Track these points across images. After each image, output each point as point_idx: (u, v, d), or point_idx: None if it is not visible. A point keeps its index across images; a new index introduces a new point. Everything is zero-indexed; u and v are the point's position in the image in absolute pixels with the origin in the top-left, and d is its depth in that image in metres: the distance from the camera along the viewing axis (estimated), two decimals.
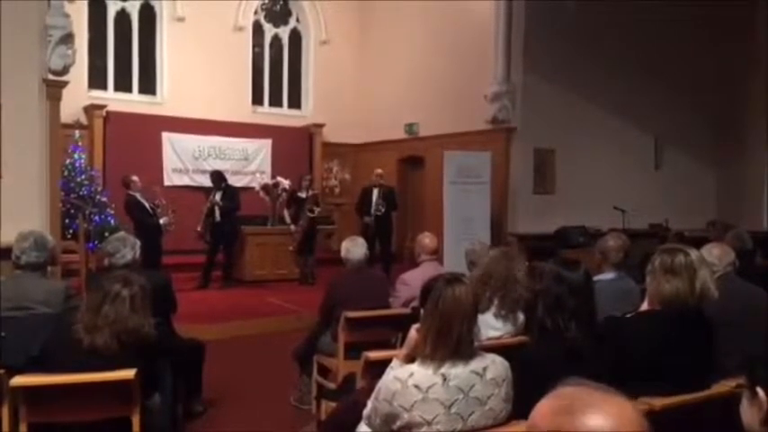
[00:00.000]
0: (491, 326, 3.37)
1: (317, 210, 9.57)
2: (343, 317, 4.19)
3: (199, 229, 9.22)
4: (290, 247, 9.61)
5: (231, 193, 9.38)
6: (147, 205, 8.60)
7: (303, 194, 9.62)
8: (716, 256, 3.65)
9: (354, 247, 4.59)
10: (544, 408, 1.04)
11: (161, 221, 8.55)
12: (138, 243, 4.00)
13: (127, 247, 3.87)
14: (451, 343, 2.21)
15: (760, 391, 1.36)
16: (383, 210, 9.48)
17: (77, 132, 10.04)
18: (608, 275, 4.08)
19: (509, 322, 3.44)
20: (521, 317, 3.39)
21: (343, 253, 4.61)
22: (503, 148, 9.98)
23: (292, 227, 9.55)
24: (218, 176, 9.49)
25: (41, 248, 3.58)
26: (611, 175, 10.30)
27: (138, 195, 8.60)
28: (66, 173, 9.15)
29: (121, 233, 4.21)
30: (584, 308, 2.49)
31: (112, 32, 11.41)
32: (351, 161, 13.13)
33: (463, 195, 9.41)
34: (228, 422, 4.39)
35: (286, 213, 9.74)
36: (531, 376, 2.24)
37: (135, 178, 8.65)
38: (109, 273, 3.40)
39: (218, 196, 9.23)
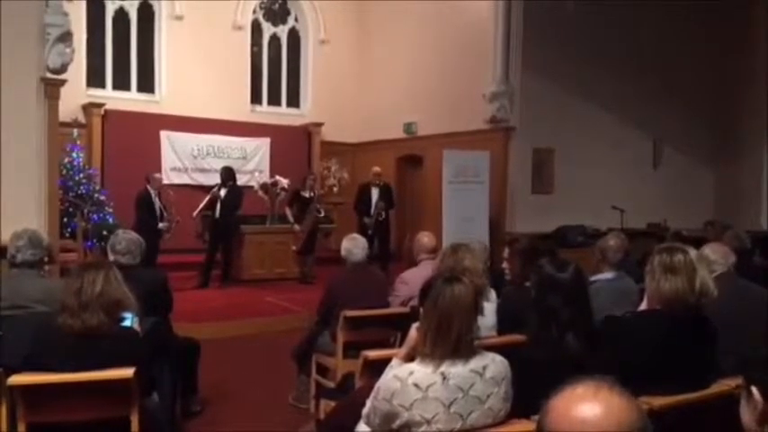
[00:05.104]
0: None
1: (322, 210, 9.54)
2: (342, 316, 4.19)
3: (194, 214, 9.18)
4: (293, 246, 9.54)
5: (236, 192, 9.31)
6: (156, 205, 8.65)
7: (307, 194, 9.57)
8: (715, 255, 3.65)
9: (355, 248, 4.58)
10: (550, 406, 1.15)
11: (160, 225, 8.55)
12: (143, 243, 4.06)
13: (137, 249, 3.94)
14: (451, 342, 2.21)
15: (754, 389, 1.36)
16: (384, 215, 9.46)
17: (76, 131, 9.98)
18: (607, 275, 4.08)
19: None
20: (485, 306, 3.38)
21: (343, 252, 4.60)
22: (501, 147, 9.97)
23: (296, 227, 9.44)
24: (228, 173, 9.35)
25: (36, 246, 3.56)
26: (609, 175, 10.30)
27: (152, 192, 8.68)
28: (64, 171, 9.11)
29: (133, 234, 4.18)
30: (580, 315, 2.48)
31: (111, 31, 11.38)
32: (349, 160, 13.09)
33: (462, 195, 9.39)
34: (227, 421, 4.38)
35: (288, 212, 9.62)
36: (529, 376, 2.24)
37: (157, 176, 8.93)
38: None
39: (222, 191, 9.16)
